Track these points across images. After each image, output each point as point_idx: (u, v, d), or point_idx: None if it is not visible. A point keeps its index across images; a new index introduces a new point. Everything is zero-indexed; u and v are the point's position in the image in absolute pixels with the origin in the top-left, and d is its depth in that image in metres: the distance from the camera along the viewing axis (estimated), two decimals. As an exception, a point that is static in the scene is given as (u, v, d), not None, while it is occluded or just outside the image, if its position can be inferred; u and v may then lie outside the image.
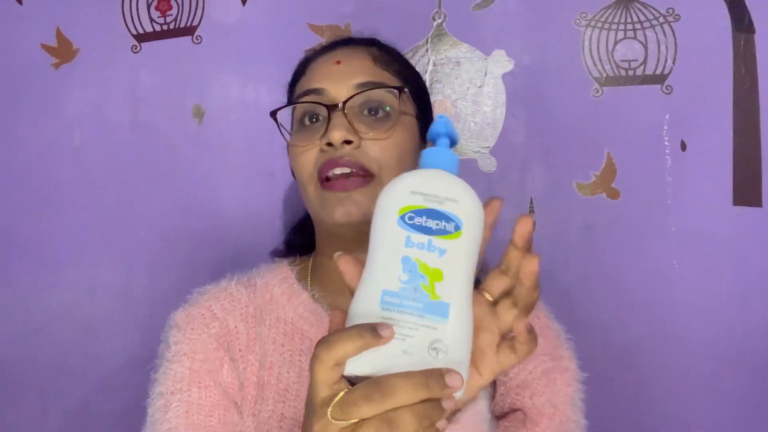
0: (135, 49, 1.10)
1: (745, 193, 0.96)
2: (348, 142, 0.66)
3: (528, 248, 0.49)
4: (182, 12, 1.09)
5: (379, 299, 0.46)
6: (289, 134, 0.74)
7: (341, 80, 0.69)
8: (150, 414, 0.67)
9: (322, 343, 0.44)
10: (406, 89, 0.70)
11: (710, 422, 0.97)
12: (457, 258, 0.47)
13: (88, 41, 1.10)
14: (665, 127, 0.98)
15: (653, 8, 0.99)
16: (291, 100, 0.75)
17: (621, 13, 1.00)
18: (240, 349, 0.70)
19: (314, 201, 0.69)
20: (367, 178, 0.67)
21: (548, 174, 1.01)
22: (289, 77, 0.79)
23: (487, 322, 0.50)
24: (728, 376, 0.96)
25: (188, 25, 1.09)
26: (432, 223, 0.47)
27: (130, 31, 1.10)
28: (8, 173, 1.11)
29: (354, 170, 0.66)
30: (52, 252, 1.10)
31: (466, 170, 1.02)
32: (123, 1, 1.10)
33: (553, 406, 0.68)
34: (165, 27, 1.09)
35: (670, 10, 0.99)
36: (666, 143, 0.98)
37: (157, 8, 1.09)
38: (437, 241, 0.46)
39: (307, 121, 0.70)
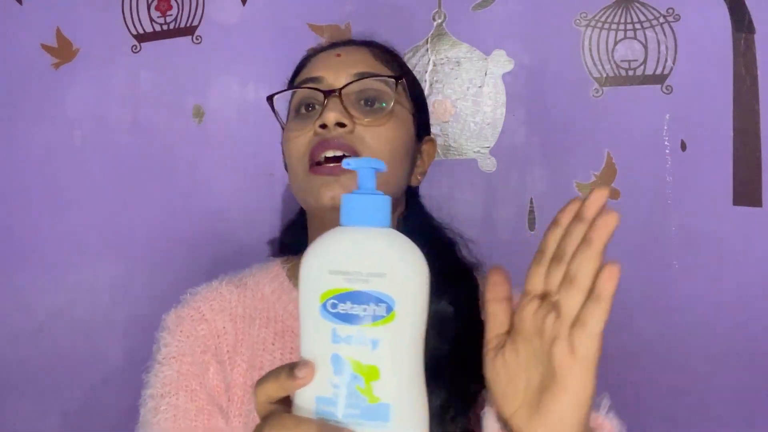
0: (135, 49, 1.10)
1: (745, 193, 0.96)
2: (342, 125, 0.66)
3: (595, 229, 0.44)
4: (182, 12, 1.09)
5: (314, 408, 0.40)
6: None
7: (340, 69, 0.69)
8: (142, 415, 0.68)
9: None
10: (402, 79, 0.70)
11: (710, 422, 0.97)
12: (394, 346, 0.40)
13: (88, 41, 1.10)
14: (665, 127, 0.98)
15: (653, 8, 0.99)
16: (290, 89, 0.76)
17: (621, 13, 1.00)
18: (227, 351, 0.69)
19: (302, 185, 0.68)
20: None
21: (548, 174, 1.01)
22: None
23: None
24: (728, 375, 0.96)
25: (188, 25, 1.09)
26: (359, 309, 0.39)
27: (130, 31, 1.10)
28: (8, 173, 1.11)
29: (346, 154, 0.65)
30: (52, 252, 1.10)
31: (467, 170, 1.03)
32: (123, 1, 1.10)
33: None
34: (165, 27, 1.09)
35: (670, 10, 0.99)
36: (666, 143, 0.98)
37: (157, 8, 1.09)
38: (368, 331, 0.39)
39: (303, 110, 0.70)
